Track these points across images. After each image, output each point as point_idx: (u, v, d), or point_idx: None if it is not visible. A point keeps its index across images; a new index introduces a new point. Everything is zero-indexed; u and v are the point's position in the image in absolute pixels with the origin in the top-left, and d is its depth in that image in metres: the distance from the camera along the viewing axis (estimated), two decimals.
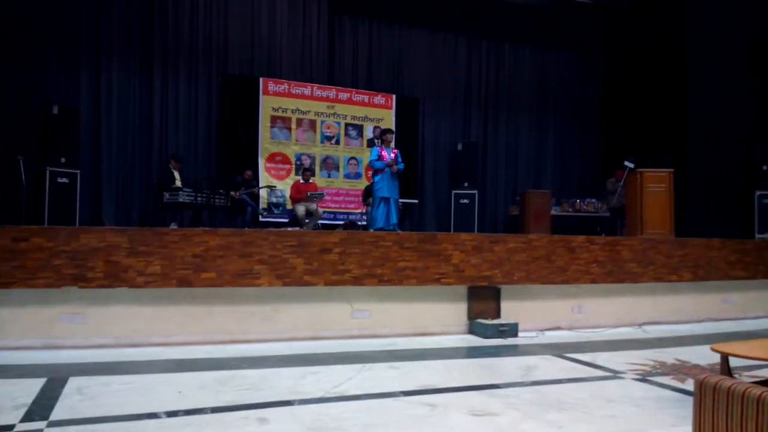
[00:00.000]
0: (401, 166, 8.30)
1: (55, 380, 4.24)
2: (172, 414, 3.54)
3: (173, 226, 8.52)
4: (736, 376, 3.91)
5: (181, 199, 8.50)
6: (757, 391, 2.23)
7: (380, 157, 8.15)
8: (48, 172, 8.55)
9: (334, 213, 11.29)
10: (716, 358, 3.87)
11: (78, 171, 8.96)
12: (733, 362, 3.78)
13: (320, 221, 10.01)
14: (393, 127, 11.34)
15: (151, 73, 10.40)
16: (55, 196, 8.58)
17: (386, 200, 8.16)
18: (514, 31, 13.05)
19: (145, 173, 10.23)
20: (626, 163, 9.01)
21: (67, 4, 9.72)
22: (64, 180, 8.72)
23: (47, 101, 9.10)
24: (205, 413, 3.58)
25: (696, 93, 11.30)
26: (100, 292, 5.43)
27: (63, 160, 8.72)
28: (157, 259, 5.53)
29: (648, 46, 12.19)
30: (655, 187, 8.37)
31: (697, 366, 5.16)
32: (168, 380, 4.39)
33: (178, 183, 9.01)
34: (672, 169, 8.60)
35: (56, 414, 3.49)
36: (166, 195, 8.62)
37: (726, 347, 3.73)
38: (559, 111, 13.51)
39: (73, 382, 4.20)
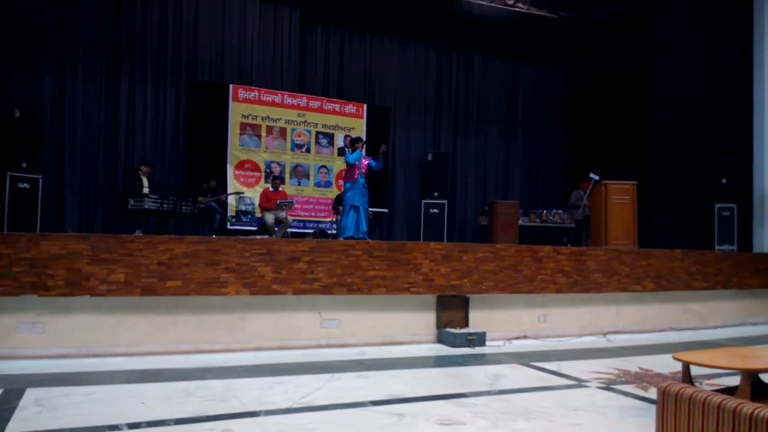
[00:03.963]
0: (380, 167, 8.43)
1: (11, 391, 4.10)
2: (134, 426, 3.45)
3: (138, 233, 8.36)
4: (697, 384, 4.00)
5: (146, 206, 8.34)
6: (718, 398, 2.29)
7: (355, 166, 8.19)
8: (8, 176, 8.32)
9: (304, 221, 11.24)
10: (678, 367, 3.96)
11: (40, 176, 8.74)
12: (695, 371, 3.87)
13: (290, 229, 9.95)
14: (364, 137, 11.37)
15: (117, 77, 10.22)
16: (16, 202, 8.35)
17: (356, 209, 8.17)
18: (484, 44, 13.24)
19: (110, 180, 10.03)
20: (591, 175, 9.19)
21: (31, 5, 9.51)
22: (25, 185, 8.50)
23: (9, 104, 8.86)
24: (169, 425, 3.51)
25: (659, 107, 11.62)
26: (60, 301, 5.28)
27: (24, 164, 8.50)
28: (121, 267, 5.41)
29: (613, 60, 12.50)
30: (620, 198, 8.55)
31: (659, 374, 5.26)
32: (131, 391, 4.29)
33: (146, 189, 8.85)
34: (635, 182, 8.80)
35: (12, 426, 3.38)
36: (131, 201, 8.45)
37: (687, 356, 3.82)
38: (527, 123, 13.74)
39: (31, 393, 4.07)
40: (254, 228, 10.46)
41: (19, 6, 9.36)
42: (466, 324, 6.77)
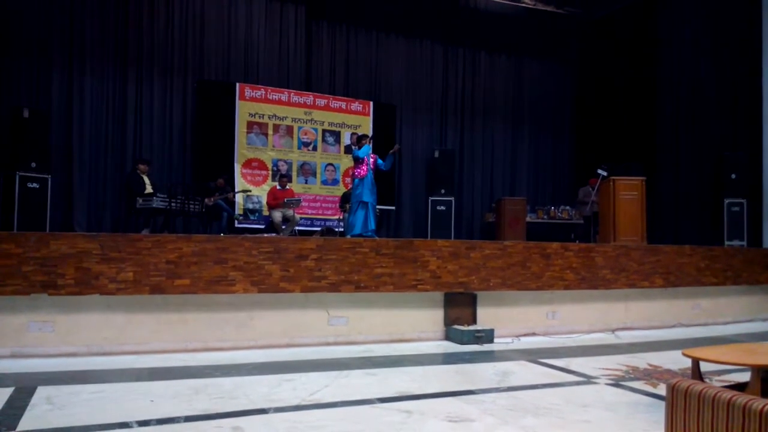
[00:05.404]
0: (389, 167, 8.46)
1: (23, 389, 4.14)
2: (144, 423, 3.47)
3: (145, 232, 8.40)
4: (706, 380, 3.97)
5: (154, 205, 8.39)
6: (727, 395, 2.27)
7: (363, 160, 8.20)
8: (18, 176, 8.37)
9: (311, 219, 11.25)
10: (687, 363, 3.94)
11: (49, 176, 8.78)
12: (704, 367, 3.85)
13: (297, 227, 9.97)
14: (370, 134, 11.36)
15: (125, 77, 10.26)
16: (25, 202, 8.40)
17: (365, 205, 8.15)
18: (490, 40, 13.19)
19: (118, 179, 10.07)
20: (599, 171, 9.14)
21: (39, 6, 9.56)
22: (35, 185, 8.55)
23: (18, 104, 8.91)
24: (179, 422, 3.53)
25: (667, 102, 11.54)
26: (70, 300, 5.32)
27: (33, 164, 8.54)
28: (130, 265, 5.44)
29: (621, 55, 12.42)
30: (628, 194, 8.50)
31: (668, 371, 5.24)
32: (140, 389, 4.31)
33: (149, 188, 8.88)
34: (644, 177, 8.74)
35: (24, 424, 3.41)
36: (139, 201, 8.49)
37: (697, 352, 3.80)
38: (534, 119, 13.68)
39: (42, 391, 4.10)
40: (262, 226, 10.48)
41: (26, 7, 9.41)
42: (474, 321, 6.77)
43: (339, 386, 4.49)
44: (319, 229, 10.80)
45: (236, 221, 10.32)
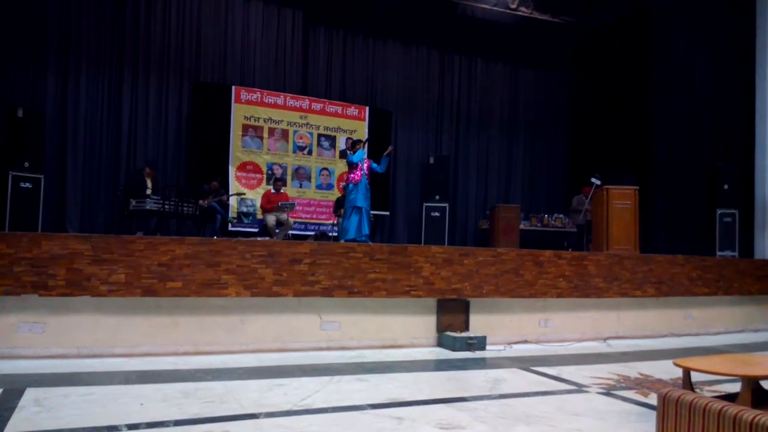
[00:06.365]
0: (383, 169, 8.45)
1: (11, 391, 4.11)
2: (133, 427, 3.45)
3: (139, 234, 8.36)
4: (697, 390, 3.99)
5: (148, 207, 8.35)
6: (718, 405, 2.28)
7: (358, 165, 8.21)
8: (11, 176, 8.33)
9: (305, 223, 11.23)
10: (679, 373, 3.95)
11: (42, 176, 8.74)
12: (695, 377, 3.86)
13: (291, 231, 9.94)
14: (365, 138, 11.37)
15: (120, 77, 10.23)
16: (17, 202, 8.36)
17: (359, 210, 8.15)
18: (487, 47, 13.24)
19: (112, 180, 10.03)
20: (593, 179, 9.18)
21: (35, 5, 9.53)
22: (27, 185, 8.51)
23: (12, 104, 8.88)
24: (168, 426, 3.51)
25: (661, 112, 11.61)
26: (61, 301, 5.28)
27: (26, 164, 8.51)
28: (122, 267, 5.41)
29: (616, 65, 12.49)
30: (621, 203, 8.53)
31: (660, 380, 5.25)
32: (130, 392, 4.28)
33: (149, 191, 8.85)
34: (637, 187, 8.78)
35: (12, 426, 3.38)
36: (133, 202, 8.46)
37: (688, 362, 3.81)
38: (529, 126, 13.73)
39: (31, 393, 4.07)
40: (255, 230, 10.46)
41: (22, 6, 9.38)
42: (466, 328, 6.77)
43: (330, 392, 4.47)
44: (312, 233, 10.79)
45: (230, 224, 10.29)
